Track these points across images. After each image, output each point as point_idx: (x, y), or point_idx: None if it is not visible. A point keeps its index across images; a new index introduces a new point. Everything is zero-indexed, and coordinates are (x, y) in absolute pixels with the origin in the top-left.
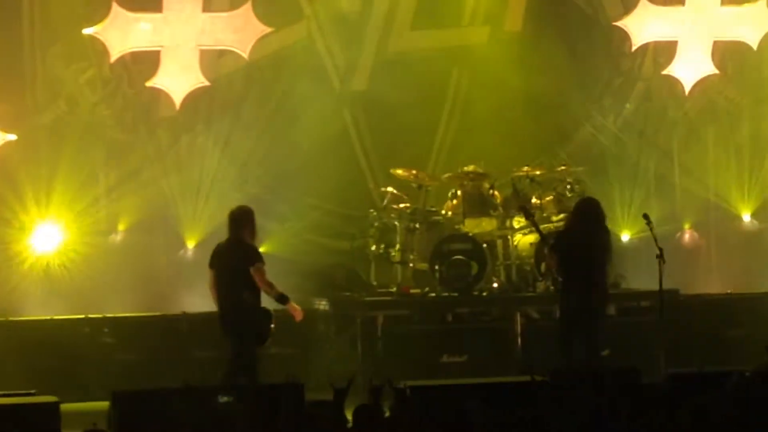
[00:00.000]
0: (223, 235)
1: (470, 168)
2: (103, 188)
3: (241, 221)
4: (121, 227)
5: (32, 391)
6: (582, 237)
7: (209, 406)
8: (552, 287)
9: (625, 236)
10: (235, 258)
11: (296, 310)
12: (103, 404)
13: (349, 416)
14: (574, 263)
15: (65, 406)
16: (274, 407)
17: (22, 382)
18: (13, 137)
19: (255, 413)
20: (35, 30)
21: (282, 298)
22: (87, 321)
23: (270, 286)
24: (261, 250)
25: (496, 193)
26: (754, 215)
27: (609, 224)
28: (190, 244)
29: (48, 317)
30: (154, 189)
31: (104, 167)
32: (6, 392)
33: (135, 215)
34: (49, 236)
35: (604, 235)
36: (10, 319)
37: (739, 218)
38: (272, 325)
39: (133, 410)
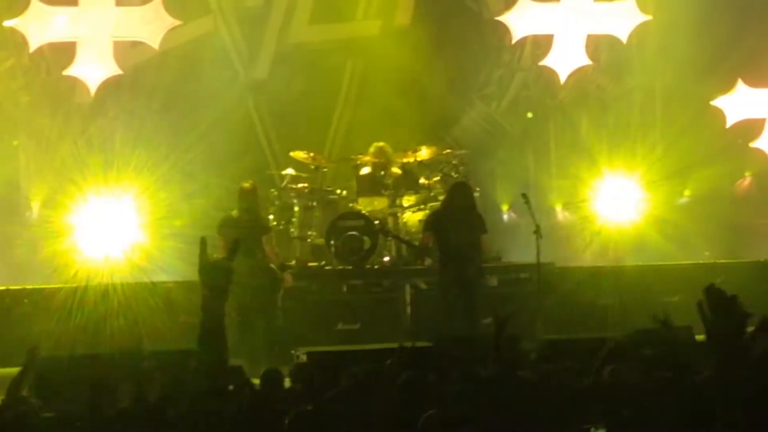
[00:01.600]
0: None
1: (380, 145)
2: (22, 169)
3: (255, 195)
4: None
5: None
6: (455, 217)
7: (131, 372)
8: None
9: (505, 213)
10: (251, 227)
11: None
12: None
13: None
14: (449, 241)
15: None
16: (186, 371)
17: None
18: None
19: (175, 377)
20: None
21: (283, 267)
22: (7, 292)
23: (276, 254)
24: (176, 224)
25: (395, 170)
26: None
27: (491, 202)
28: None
29: None
30: (71, 169)
31: (23, 150)
32: None
33: (50, 194)
34: None
35: (475, 215)
36: None
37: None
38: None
39: (53, 375)
